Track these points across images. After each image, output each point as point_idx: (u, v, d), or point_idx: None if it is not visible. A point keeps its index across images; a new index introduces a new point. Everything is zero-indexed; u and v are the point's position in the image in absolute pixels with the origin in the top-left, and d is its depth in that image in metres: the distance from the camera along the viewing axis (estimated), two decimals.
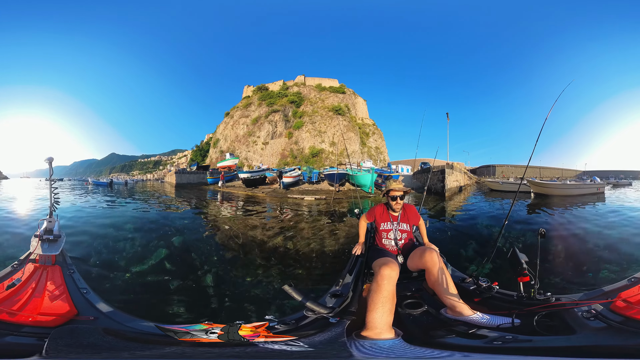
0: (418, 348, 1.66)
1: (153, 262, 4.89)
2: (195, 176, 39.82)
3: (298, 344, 1.58)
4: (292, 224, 8.73)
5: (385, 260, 2.24)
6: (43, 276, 2.37)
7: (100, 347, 1.45)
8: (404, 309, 2.33)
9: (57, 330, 1.54)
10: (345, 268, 2.89)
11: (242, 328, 1.65)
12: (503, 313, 2.06)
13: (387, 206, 2.95)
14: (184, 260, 5.17)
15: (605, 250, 5.47)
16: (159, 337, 1.71)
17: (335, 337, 1.66)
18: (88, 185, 32.69)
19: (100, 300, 2.29)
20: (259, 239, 6.71)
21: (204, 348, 1.54)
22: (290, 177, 22.69)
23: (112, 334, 1.63)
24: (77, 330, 1.64)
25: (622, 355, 1.48)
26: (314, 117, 59.90)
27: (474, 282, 2.56)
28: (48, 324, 1.81)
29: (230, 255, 5.67)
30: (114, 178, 56.43)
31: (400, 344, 1.71)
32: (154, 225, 7.79)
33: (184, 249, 5.73)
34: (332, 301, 2.22)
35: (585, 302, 1.92)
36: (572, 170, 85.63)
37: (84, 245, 5.38)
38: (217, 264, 5.08)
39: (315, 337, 1.69)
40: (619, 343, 1.53)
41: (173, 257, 5.20)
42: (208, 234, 7.33)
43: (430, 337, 2.03)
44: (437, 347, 1.72)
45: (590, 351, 1.53)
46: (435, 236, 6.73)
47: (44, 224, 2.93)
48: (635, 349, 1.46)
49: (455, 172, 24.43)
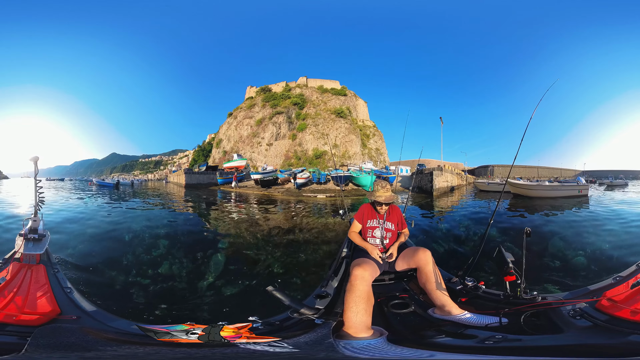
0: (403, 348, 1.64)
1: (213, 272, 4.71)
2: (205, 177, 39.00)
3: (282, 344, 1.56)
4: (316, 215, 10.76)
5: (360, 261, 2.31)
6: (27, 275, 2.34)
7: (81, 347, 1.45)
8: (390, 309, 2.34)
9: (39, 330, 1.54)
10: (331, 269, 2.95)
11: (224, 329, 1.63)
12: (490, 312, 2.08)
13: (373, 205, 2.98)
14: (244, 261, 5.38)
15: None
16: (138, 337, 1.70)
17: (321, 338, 1.64)
18: (92, 186, 31.05)
19: (83, 300, 2.30)
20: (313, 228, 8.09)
21: (182, 349, 1.52)
22: (303, 178, 25.33)
23: (93, 334, 1.63)
24: (58, 329, 1.62)
25: (609, 354, 1.49)
26: (316, 120, 61.25)
27: (460, 281, 2.57)
28: (31, 323, 1.81)
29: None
30: (120, 178, 54.03)
31: (382, 344, 1.71)
32: (204, 235, 7.52)
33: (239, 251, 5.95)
34: (318, 302, 2.22)
35: (571, 301, 1.94)
36: (571, 170, 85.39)
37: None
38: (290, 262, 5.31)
39: (300, 337, 1.67)
40: (605, 342, 1.54)
41: (229, 261, 5.17)
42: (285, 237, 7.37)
43: (419, 337, 2.05)
44: (425, 347, 1.71)
45: (578, 350, 1.54)
46: (421, 237, 6.99)
47: (29, 223, 2.92)
48: (621, 348, 1.47)
49: (446, 174, 26.61)
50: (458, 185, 30.62)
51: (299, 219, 10.20)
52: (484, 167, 71.88)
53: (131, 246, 5.89)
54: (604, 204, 13.43)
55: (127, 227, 7.51)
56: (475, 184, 28.57)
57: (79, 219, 8.27)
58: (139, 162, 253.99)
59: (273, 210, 12.88)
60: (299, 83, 75.89)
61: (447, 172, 28.01)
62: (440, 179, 24.60)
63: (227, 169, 43.25)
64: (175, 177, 45.50)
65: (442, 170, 25.58)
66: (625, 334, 1.51)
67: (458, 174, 35.21)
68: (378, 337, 1.80)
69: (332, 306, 2.26)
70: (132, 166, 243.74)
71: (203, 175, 39.84)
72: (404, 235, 2.93)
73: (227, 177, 37.00)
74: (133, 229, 7.18)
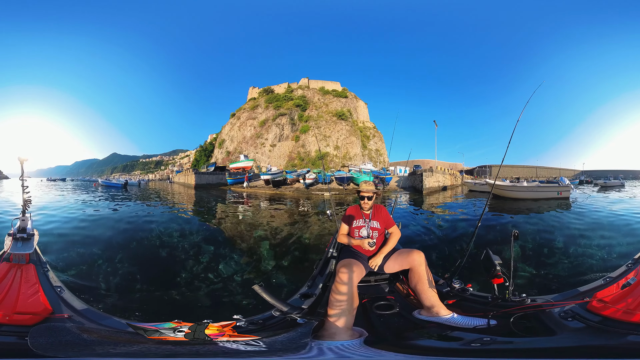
0: (379, 351, 1.64)
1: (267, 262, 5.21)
2: (214, 177, 40.66)
3: (257, 343, 1.57)
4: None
5: (346, 262, 2.31)
6: (17, 275, 2.34)
7: (75, 345, 1.45)
8: (374, 310, 2.33)
9: (35, 329, 1.53)
10: (317, 269, 2.95)
11: (209, 327, 1.64)
12: (478, 315, 2.06)
13: (359, 206, 3.03)
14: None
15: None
16: (129, 335, 1.69)
17: (298, 338, 1.65)
18: (97, 187, 29.61)
19: (74, 299, 2.29)
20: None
21: (168, 346, 1.53)
22: (310, 179, 28.79)
23: (85, 332, 1.63)
24: (53, 328, 1.60)
25: (604, 354, 1.49)
26: (319, 122, 62.95)
27: (447, 284, 2.55)
28: (24, 323, 1.82)
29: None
30: (127, 178, 52.99)
31: (357, 346, 1.71)
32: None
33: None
34: (302, 302, 2.21)
35: (561, 303, 1.95)
36: (571, 170, 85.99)
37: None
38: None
39: (278, 337, 1.69)
40: (600, 343, 1.54)
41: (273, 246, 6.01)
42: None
43: (401, 339, 2.05)
44: (404, 349, 1.70)
45: (572, 352, 1.54)
46: (410, 238, 6.94)
47: (17, 223, 2.93)
48: (617, 348, 1.48)
49: (437, 174, 29.74)
50: (452, 185, 32.84)
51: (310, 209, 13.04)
52: (483, 167, 72.27)
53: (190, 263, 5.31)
54: (583, 207, 12.02)
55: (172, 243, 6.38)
56: (465, 183, 30.52)
57: (129, 234, 6.94)
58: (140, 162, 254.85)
59: (303, 203, 15.80)
60: (300, 84, 77.27)
61: (439, 172, 30.80)
62: (431, 179, 27.57)
63: (234, 170, 44.85)
64: (182, 178, 46.64)
65: (432, 172, 28.60)
66: (622, 334, 1.51)
67: (452, 174, 37.64)
68: (357, 338, 1.82)
69: (316, 306, 2.27)
70: (132, 166, 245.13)
71: (212, 175, 41.24)
72: (395, 236, 2.84)
73: (237, 177, 38.64)
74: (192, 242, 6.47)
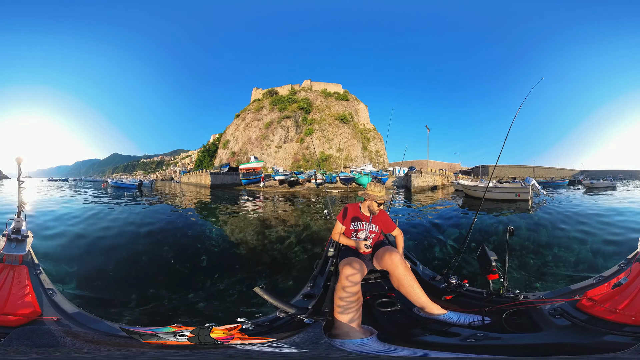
0: (393, 346, 1.67)
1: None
2: (229, 177, 42.79)
3: (280, 345, 1.56)
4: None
5: (349, 260, 2.30)
6: (9, 276, 2.32)
7: (58, 348, 1.42)
8: (377, 307, 2.36)
9: (17, 331, 1.52)
10: (317, 268, 2.99)
11: (213, 330, 1.59)
12: (473, 311, 2.14)
13: (360, 207, 2.91)
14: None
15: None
16: (122, 339, 1.67)
17: (315, 338, 1.66)
18: (106, 188, 26.80)
19: (65, 301, 2.27)
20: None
21: (171, 350, 1.49)
22: (320, 179, 33.34)
23: (73, 335, 1.59)
24: (36, 330, 1.58)
25: (584, 352, 1.53)
26: (322, 125, 66.06)
27: (444, 280, 2.59)
28: (11, 324, 1.80)
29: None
30: (141, 178, 48.07)
31: (373, 343, 1.73)
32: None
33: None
34: (305, 302, 2.22)
35: (552, 300, 1.98)
36: (569, 170, 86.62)
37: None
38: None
39: (295, 337, 1.68)
40: (581, 341, 1.58)
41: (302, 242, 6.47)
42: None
43: (407, 335, 2.10)
44: (412, 345, 1.74)
45: (555, 349, 1.58)
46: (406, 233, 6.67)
47: (12, 224, 2.92)
48: (591, 348, 1.52)
49: (425, 175, 34.37)
50: (442, 185, 36.52)
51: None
52: (479, 167, 72.73)
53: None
54: (544, 212, 10.61)
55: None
56: (451, 183, 33.54)
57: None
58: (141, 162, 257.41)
59: (317, 199, 19.76)
60: (303, 86, 80.00)
61: (427, 174, 35.47)
62: (419, 179, 32.31)
63: (244, 170, 47.92)
64: (192, 178, 48.92)
65: (421, 173, 33.66)
66: (601, 333, 1.55)
67: (443, 174, 41.88)
68: (369, 336, 1.85)
69: (320, 305, 2.29)
70: (133, 166, 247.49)
71: (227, 176, 44.01)
72: (400, 238, 2.90)
73: (251, 177, 41.96)
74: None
